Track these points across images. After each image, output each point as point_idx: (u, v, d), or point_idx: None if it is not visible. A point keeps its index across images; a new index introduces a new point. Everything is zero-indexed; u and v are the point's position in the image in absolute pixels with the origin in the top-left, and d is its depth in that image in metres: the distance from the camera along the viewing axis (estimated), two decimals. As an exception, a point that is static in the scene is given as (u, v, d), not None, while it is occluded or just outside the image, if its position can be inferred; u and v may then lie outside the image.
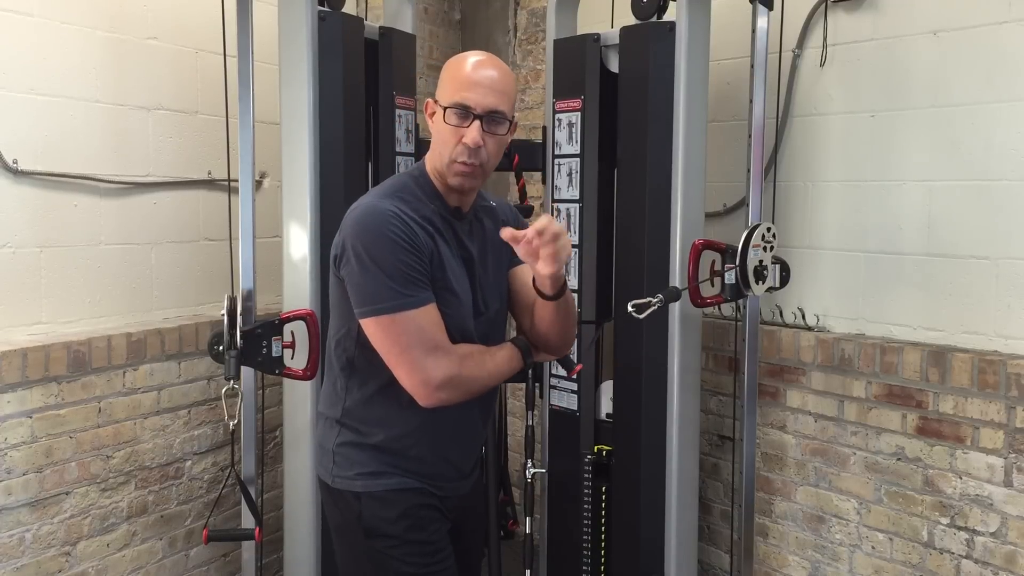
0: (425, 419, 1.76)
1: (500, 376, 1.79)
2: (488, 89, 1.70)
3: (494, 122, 1.72)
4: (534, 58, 3.87)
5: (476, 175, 1.74)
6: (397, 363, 1.69)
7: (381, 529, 1.78)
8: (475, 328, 1.80)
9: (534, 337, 1.85)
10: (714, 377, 3.05)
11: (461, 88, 1.70)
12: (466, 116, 1.70)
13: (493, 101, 1.70)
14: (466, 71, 1.73)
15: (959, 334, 2.51)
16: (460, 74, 1.73)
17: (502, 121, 1.73)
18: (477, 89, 1.70)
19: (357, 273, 1.68)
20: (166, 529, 2.80)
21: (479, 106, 1.69)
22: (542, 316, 1.80)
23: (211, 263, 2.98)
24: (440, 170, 1.76)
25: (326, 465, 1.85)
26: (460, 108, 1.70)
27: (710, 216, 2.81)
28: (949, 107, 2.51)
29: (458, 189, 1.76)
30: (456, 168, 1.72)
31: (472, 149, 1.70)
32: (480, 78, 1.71)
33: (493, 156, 1.75)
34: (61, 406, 2.48)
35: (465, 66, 1.74)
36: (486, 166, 1.74)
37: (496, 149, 1.74)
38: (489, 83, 1.71)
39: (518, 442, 3.66)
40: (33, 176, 2.50)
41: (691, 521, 2.69)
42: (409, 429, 1.78)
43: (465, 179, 1.73)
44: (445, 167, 1.74)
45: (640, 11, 2.63)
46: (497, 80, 1.72)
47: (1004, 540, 2.37)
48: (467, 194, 1.80)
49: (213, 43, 2.64)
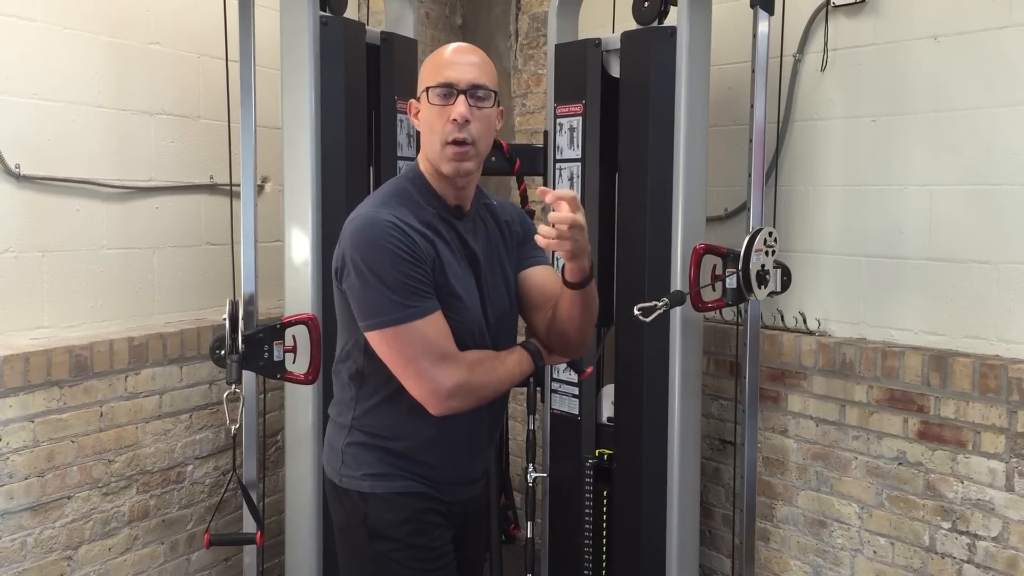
0: (435, 426, 1.75)
1: (511, 381, 1.78)
2: (468, 65, 1.72)
3: (478, 97, 1.72)
4: (535, 62, 3.87)
5: (469, 156, 1.72)
6: (405, 374, 1.69)
7: (385, 531, 1.78)
8: (485, 329, 1.79)
9: (551, 336, 1.83)
10: (715, 381, 3.05)
11: (440, 69, 1.72)
12: (450, 93, 1.70)
13: (474, 75, 1.72)
14: (444, 55, 1.76)
15: (960, 338, 2.51)
16: (439, 59, 1.75)
17: (487, 96, 1.73)
18: (455, 67, 1.72)
19: (358, 287, 1.67)
20: (167, 533, 2.80)
21: (461, 81, 1.70)
22: (563, 308, 1.78)
23: (213, 267, 2.98)
24: (433, 161, 1.74)
25: (334, 464, 1.84)
26: (443, 86, 1.71)
27: (711, 220, 2.81)
28: (950, 112, 2.51)
29: (453, 176, 1.73)
30: (449, 151, 1.71)
31: (460, 123, 1.69)
32: (458, 58, 1.74)
33: (483, 135, 1.73)
34: (63, 410, 2.48)
35: (443, 51, 1.77)
36: (478, 145, 1.73)
37: (485, 127, 1.74)
38: (468, 61, 1.73)
39: (519, 446, 3.66)
40: (35, 181, 2.50)
41: (692, 525, 2.69)
42: (419, 436, 1.78)
43: (459, 162, 1.71)
44: (438, 154, 1.72)
45: (641, 16, 2.63)
46: (476, 59, 1.75)
47: (1006, 544, 2.37)
48: (465, 187, 1.78)
49: (215, 48, 2.64)
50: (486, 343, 1.79)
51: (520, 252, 1.91)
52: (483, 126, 1.73)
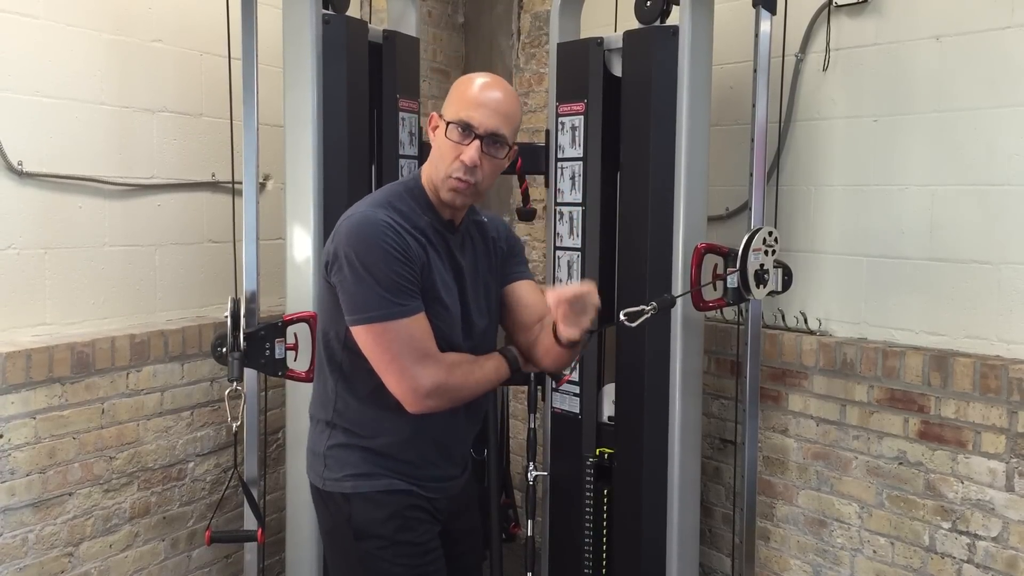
0: (412, 423, 1.77)
1: (488, 386, 1.82)
2: (492, 111, 1.72)
3: (494, 144, 1.73)
4: (537, 61, 3.87)
5: (469, 193, 1.76)
6: (387, 370, 1.71)
7: (371, 530, 1.80)
8: (463, 342, 1.81)
9: (532, 355, 1.89)
10: (716, 381, 3.05)
11: (466, 106, 1.72)
12: (467, 134, 1.72)
13: (496, 123, 1.72)
14: (473, 91, 1.74)
15: (961, 338, 2.51)
16: (467, 93, 1.75)
17: (502, 145, 1.75)
18: (481, 110, 1.71)
19: (350, 281, 1.70)
20: (168, 530, 2.81)
21: (481, 126, 1.71)
22: (548, 351, 1.83)
23: (214, 265, 2.98)
24: (435, 183, 1.78)
25: (317, 469, 1.86)
26: (463, 125, 1.72)
27: (712, 220, 2.81)
28: (952, 112, 2.52)
29: (450, 204, 1.78)
30: (451, 184, 1.74)
31: (468, 167, 1.72)
32: (486, 99, 1.73)
33: (488, 178, 1.77)
34: (65, 407, 2.48)
35: (473, 86, 1.75)
36: (480, 186, 1.76)
37: (491, 172, 1.77)
38: (495, 105, 1.73)
39: (520, 445, 3.66)
40: (38, 178, 2.50)
41: (693, 524, 2.70)
42: (397, 432, 1.80)
43: (458, 195, 1.76)
44: (440, 181, 1.76)
45: (643, 15, 2.63)
46: (502, 103, 1.74)
47: (1006, 545, 2.37)
48: (459, 209, 1.83)
49: (217, 46, 2.64)
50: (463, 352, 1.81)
51: (504, 267, 1.95)
52: (490, 170, 1.76)
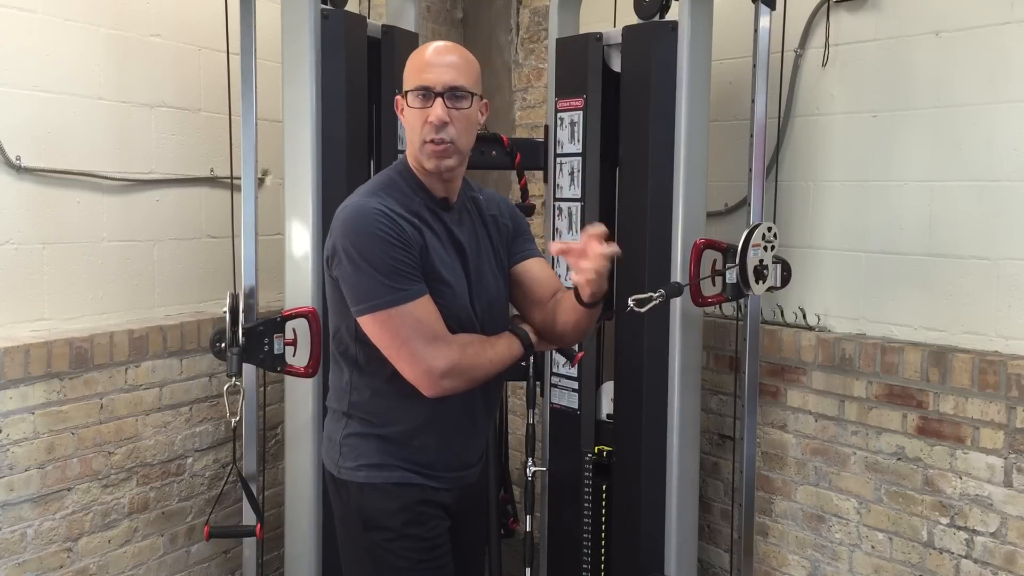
0: (429, 409, 1.78)
1: (502, 363, 1.82)
2: (445, 67, 1.75)
3: (456, 98, 1.75)
4: (536, 57, 3.87)
5: (449, 153, 1.76)
6: (398, 356, 1.72)
7: (380, 521, 1.80)
8: (472, 317, 1.82)
9: (548, 331, 1.88)
10: (715, 376, 3.05)
11: (419, 72, 1.75)
12: (428, 96, 1.74)
13: (451, 77, 1.74)
14: (423, 56, 1.78)
15: (960, 334, 2.51)
16: (418, 61, 1.78)
17: (464, 96, 1.75)
18: (433, 69, 1.74)
19: (350, 273, 1.71)
20: (167, 525, 2.81)
21: (438, 84, 1.73)
22: (569, 314, 1.83)
23: (213, 260, 2.98)
24: (417, 157, 1.79)
25: (332, 456, 1.86)
26: (421, 90, 1.74)
27: (711, 215, 2.81)
28: (951, 108, 2.51)
29: (436, 171, 1.78)
30: (428, 149, 1.75)
31: (437, 125, 1.72)
32: (435, 60, 1.76)
33: (463, 134, 1.77)
34: (63, 402, 2.48)
35: (423, 52, 1.79)
36: (458, 143, 1.76)
37: (465, 126, 1.77)
38: (446, 63, 1.75)
39: (519, 440, 3.66)
40: (36, 173, 2.50)
41: (691, 520, 2.70)
42: (414, 420, 1.80)
43: (439, 159, 1.76)
44: (419, 151, 1.77)
45: (642, 11, 2.63)
46: (454, 60, 1.77)
47: (1004, 540, 2.38)
48: (450, 180, 1.82)
49: (216, 41, 2.64)
50: (474, 330, 1.82)
51: (513, 245, 1.95)
52: (462, 125, 1.76)
